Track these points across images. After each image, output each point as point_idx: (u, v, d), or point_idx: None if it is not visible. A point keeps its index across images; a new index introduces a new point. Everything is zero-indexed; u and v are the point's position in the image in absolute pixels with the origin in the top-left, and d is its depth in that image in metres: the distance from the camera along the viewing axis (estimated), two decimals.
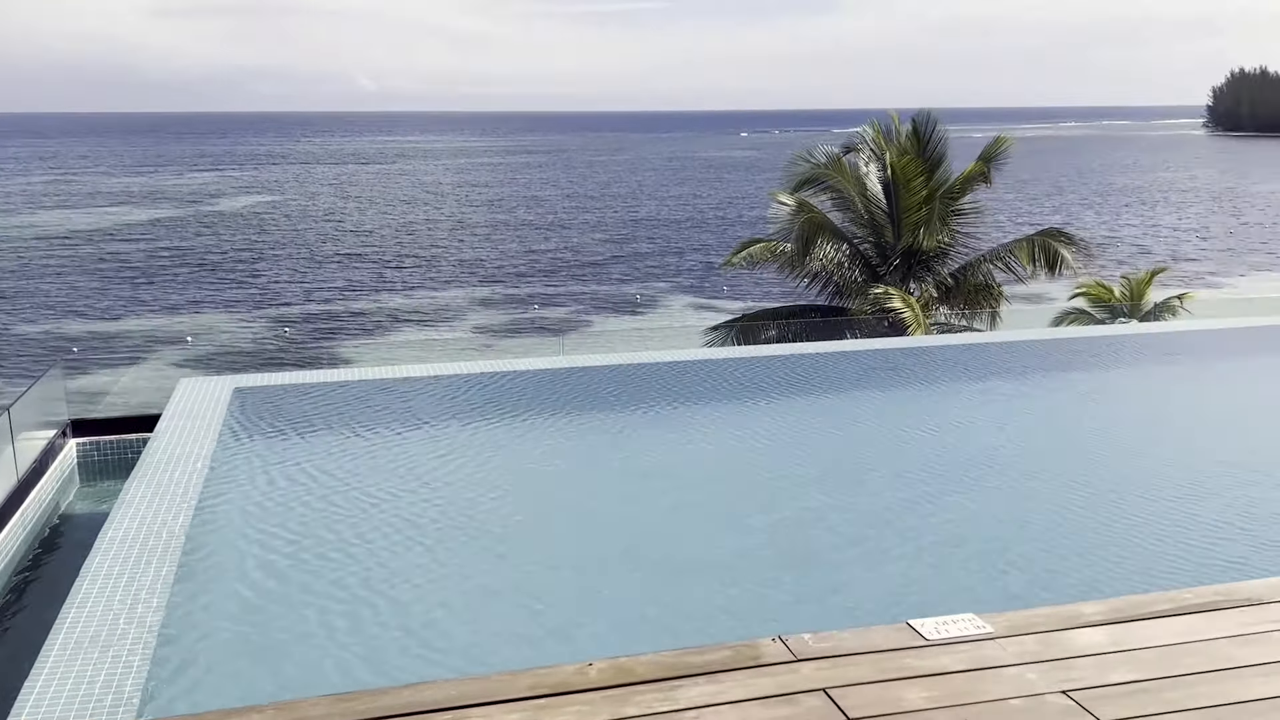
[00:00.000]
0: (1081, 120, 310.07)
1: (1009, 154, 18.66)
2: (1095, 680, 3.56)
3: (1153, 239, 58.46)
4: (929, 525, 6.54)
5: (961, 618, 3.98)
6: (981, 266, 18.36)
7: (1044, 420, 9.18)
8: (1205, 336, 12.26)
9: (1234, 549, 6.01)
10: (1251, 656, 3.71)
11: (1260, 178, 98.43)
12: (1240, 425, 8.68)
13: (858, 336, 16.10)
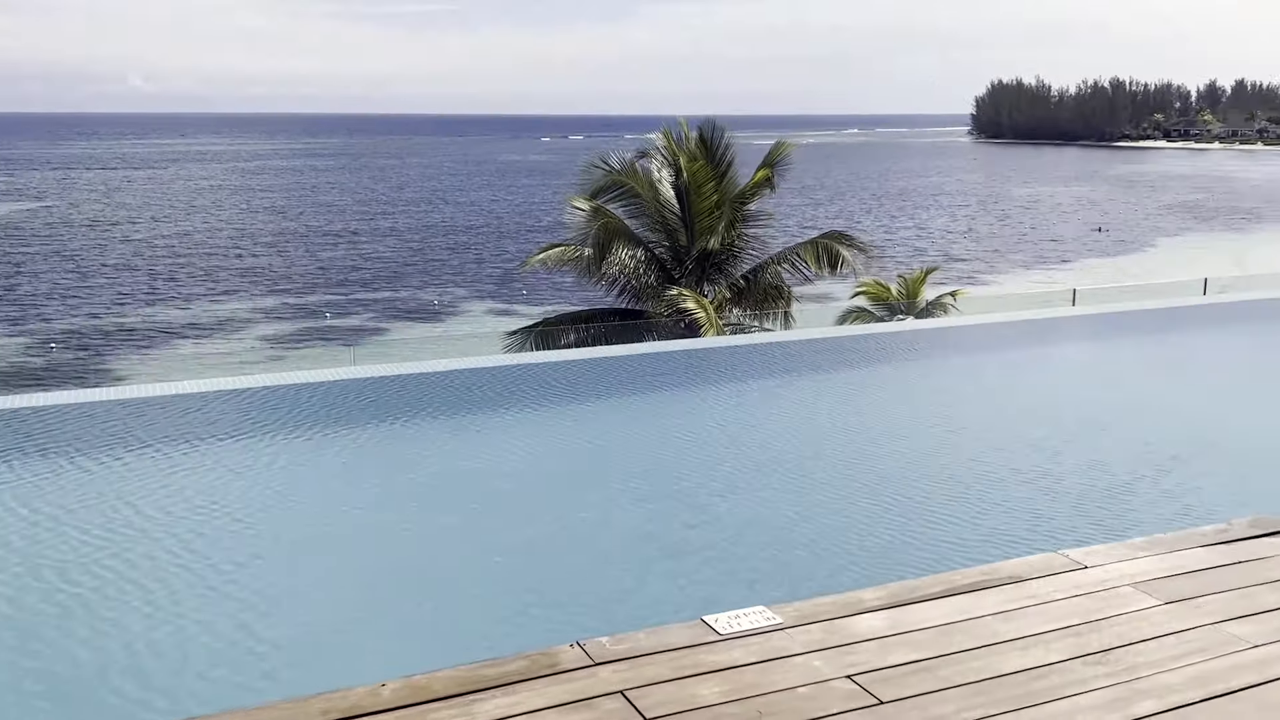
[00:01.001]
0: (861, 128, 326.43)
1: (792, 159, 19.46)
2: (877, 663, 3.73)
3: (926, 240, 62.18)
4: (725, 521, 6.71)
5: (753, 610, 4.09)
6: (770, 268, 19.05)
7: (831, 414, 9.59)
8: (975, 330, 13.11)
9: (998, 530, 6.45)
10: (1012, 631, 3.98)
11: (1019, 181, 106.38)
12: (1006, 413, 9.31)
13: (656, 339, 16.40)
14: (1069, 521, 6.54)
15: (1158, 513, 6.74)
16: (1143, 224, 70.92)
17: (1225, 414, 9.19)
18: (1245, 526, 5.03)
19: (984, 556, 4.69)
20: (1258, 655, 3.80)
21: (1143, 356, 11.74)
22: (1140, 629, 4.00)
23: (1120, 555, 4.67)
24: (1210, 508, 6.67)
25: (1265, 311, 13.89)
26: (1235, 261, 47.13)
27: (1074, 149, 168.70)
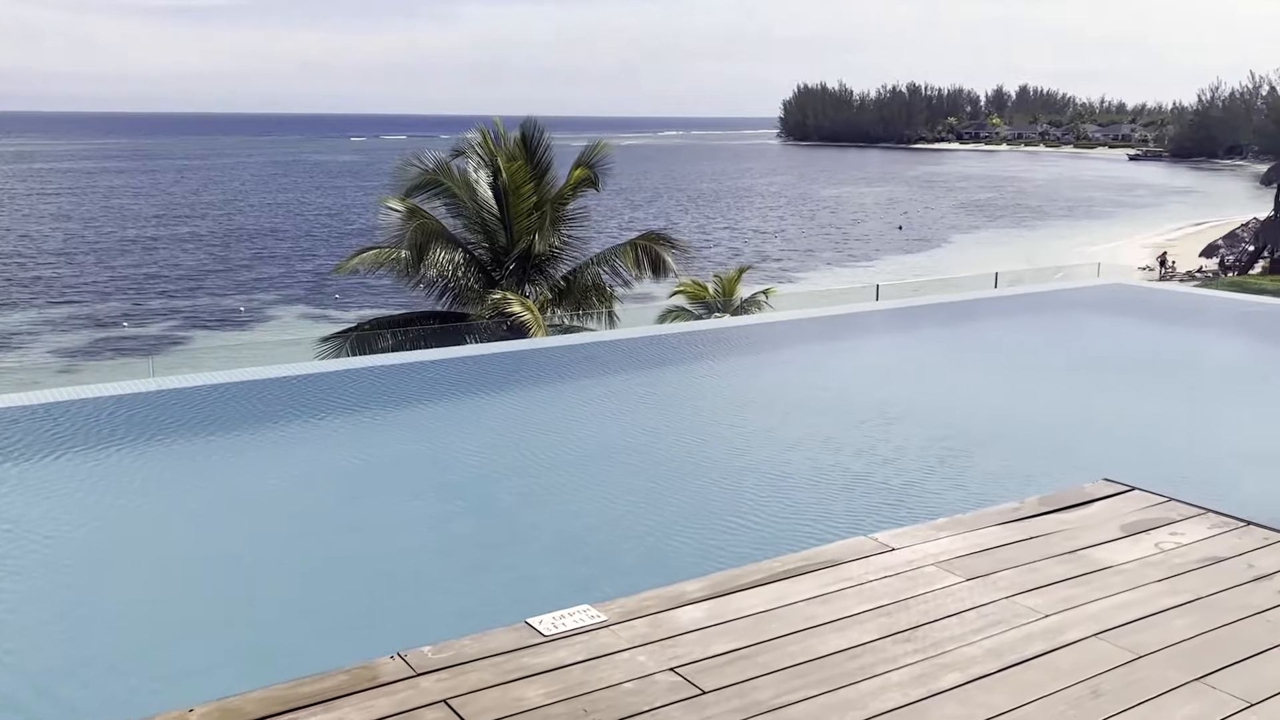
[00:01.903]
0: (678, 130, 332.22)
1: (611, 161, 19.58)
2: (699, 654, 3.80)
3: (740, 240, 63.83)
4: (549, 522, 6.70)
5: (577, 609, 4.10)
6: (591, 269, 19.15)
7: (654, 411, 9.70)
8: (786, 326, 13.53)
9: (815, 516, 6.68)
10: (828, 614, 4.13)
11: (826, 183, 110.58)
12: (818, 404, 9.65)
13: (479, 341, 16.21)
14: (879, 506, 6.83)
15: (959, 493, 7.11)
16: (940, 222, 74.82)
17: (1017, 399, 9.79)
18: (1034, 504, 5.38)
19: (803, 543, 4.84)
20: (1047, 625, 4.07)
21: (942, 347, 12.38)
22: (943, 606, 4.22)
23: (924, 536, 4.92)
24: (1005, 487, 7.09)
25: (1051, 302, 14.89)
26: (1024, 256, 50.29)
27: (876, 151, 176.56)
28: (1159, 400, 9.82)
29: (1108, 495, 5.52)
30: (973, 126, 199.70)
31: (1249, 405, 9.56)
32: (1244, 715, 3.46)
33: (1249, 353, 12.39)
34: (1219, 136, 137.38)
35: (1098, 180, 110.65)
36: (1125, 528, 5.09)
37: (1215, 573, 4.58)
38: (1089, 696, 3.55)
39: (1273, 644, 3.93)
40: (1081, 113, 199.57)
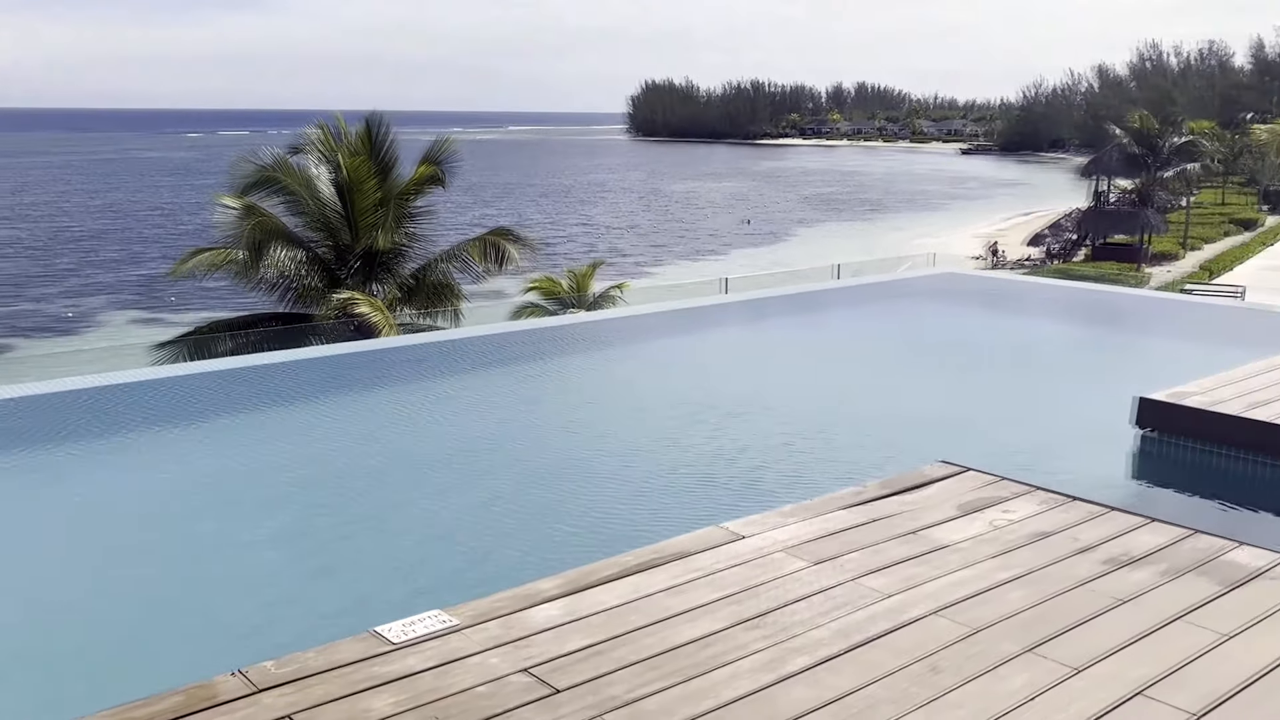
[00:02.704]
0: (527, 125, 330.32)
1: (458, 156, 19.32)
2: (553, 652, 3.77)
3: (593, 235, 64.02)
4: (400, 526, 6.56)
5: (427, 615, 4.01)
6: (439, 266, 18.86)
7: (506, 409, 9.62)
8: (638, 320, 13.61)
9: (666, 509, 6.74)
10: (681, 605, 4.16)
11: (676, 178, 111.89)
12: (669, 397, 9.74)
13: (326, 342, 15.76)
14: (730, 495, 6.93)
15: (806, 480, 7.28)
16: (786, 216, 76.66)
17: (859, 385, 10.09)
18: (877, 488, 5.54)
19: (657, 535, 4.86)
20: (889, 605, 4.20)
21: (787, 338, 12.68)
22: (792, 590, 4.30)
23: (773, 524, 5.01)
24: (849, 472, 7.29)
25: (889, 292, 15.41)
26: (865, 248, 51.99)
27: (722, 146, 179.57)
28: (991, 382, 10.29)
29: (944, 476, 5.74)
30: (814, 122, 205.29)
31: (1072, 385, 10.10)
32: (1072, 681, 3.64)
33: (1072, 335, 13.12)
34: (1043, 131, 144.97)
35: (932, 174, 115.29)
36: (961, 507, 5.30)
37: (1044, 547, 4.81)
38: (929, 672, 3.68)
39: (1096, 612, 4.16)
40: (916, 109, 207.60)
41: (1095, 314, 14.56)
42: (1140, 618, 4.12)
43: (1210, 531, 4.98)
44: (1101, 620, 4.09)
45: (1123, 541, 4.87)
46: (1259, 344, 10.27)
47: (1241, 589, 4.38)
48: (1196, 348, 11.91)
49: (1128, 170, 48.68)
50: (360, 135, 18.38)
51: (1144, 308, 15.74)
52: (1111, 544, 4.84)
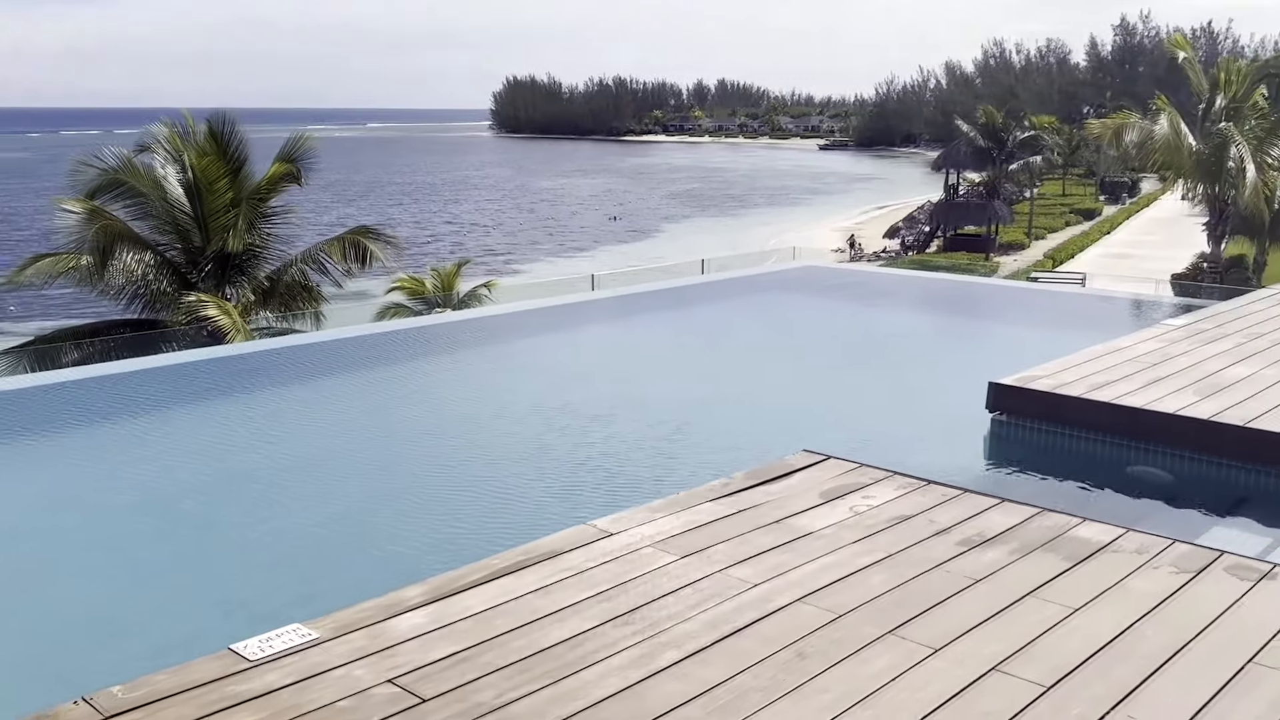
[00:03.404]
0: (387, 122, 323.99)
1: (315, 153, 18.78)
2: (419, 661, 3.69)
3: (460, 234, 63.23)
4: (255, 539, 6.33)
5: (287, 629, 3.88)
6: (297, 267, 18.32)
7: (367, 412, 9.40)
8: (506, 319, 13.50)
9: (535, 508, 6.70)
10: (550, 606, 4.13)
11: (542, 175, 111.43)
12: (539, 395, 9.68)
13: (177, 349, 15.13)
14: (599, 491, 6.93)
15: (675, 473, 7.32)
16: (653, 212, 77.17)
17: (723, 378, 10.22)
18: (742, 479, 5.62)
19: (526, 536, 4.81)
20: (756, 594, 4.25)
21: (654, 333, 12.76)
22: (661, 585, 4.32)
23: (641, 519, 5.02)
24: (717, 464, 7.36)
25: (753, 285, 15.67)
26: (731, 243, 52.72)
27: (588, 143, 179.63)
28: (852, 372, 10.55)
29: (808, 465, 5.86)
30: (678, 119, 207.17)
31: (929, 372, 10.44)
32: (930, 660, 3.75)
33: (928, 324, 13.57)
34: (896, 126, 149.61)
35: (793, 169, 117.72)
36: (824, 494, 5.41)
37: (903, 530, 4.95)
38: (796, 659, 3.74)
39: (952, 592, 4.30)
40: (775, 105, 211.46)
41: (949, 303, 15.10)
42: (993, 595, 4.27)
43: (1057, 509, 5.21)
44: (957, 600, 4.23)
45: (976, 522, 5.05)
46: (1100, 328, 10.82)
47: (1086, 563, 4.59)
48: (1044, 333, 12.45)
49: (976, 164, 50.65)
50: (207, 134, 17.69)
51: (994, 296, 16.41)
52: (966, 525, 5.01)
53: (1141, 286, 21.40)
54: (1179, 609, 4.16)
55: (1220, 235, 25.37)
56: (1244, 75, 24.39)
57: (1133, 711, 3.43)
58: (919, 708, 3.45)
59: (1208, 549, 4.74)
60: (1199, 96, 24.59)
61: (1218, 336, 8.83)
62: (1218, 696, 3.53)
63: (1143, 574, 4.47)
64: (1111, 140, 25.22)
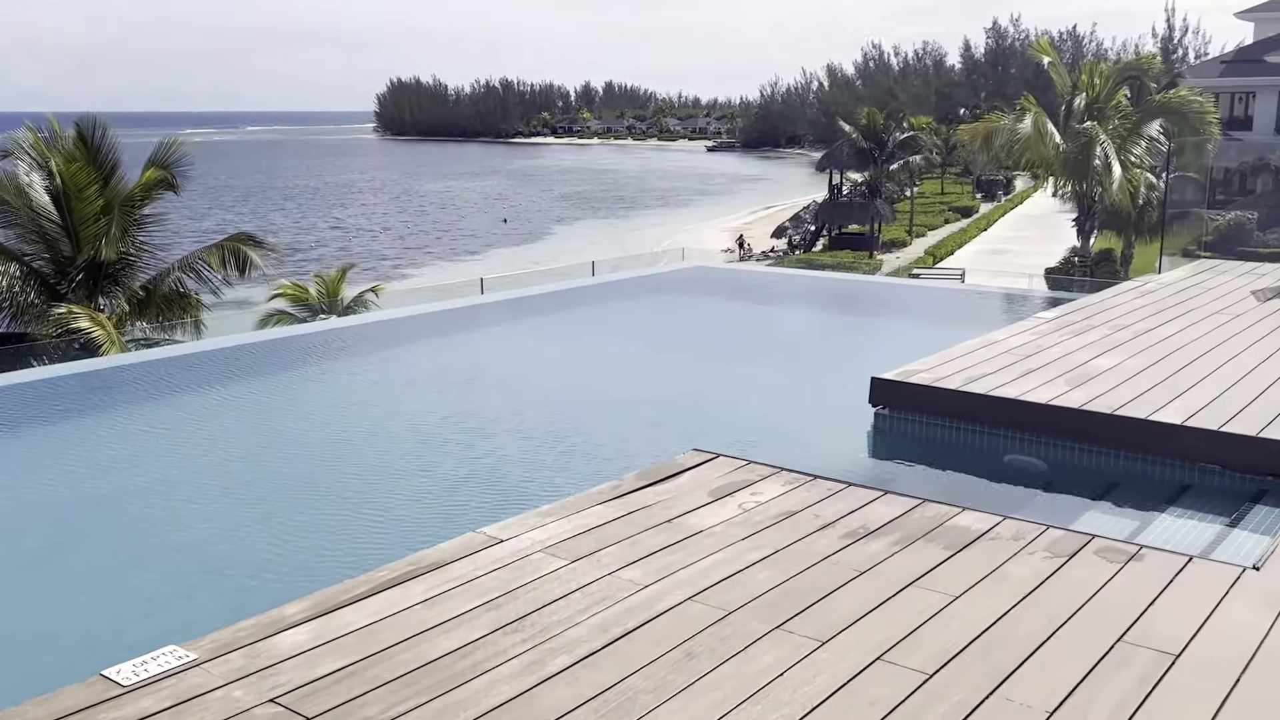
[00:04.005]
0: (265, 125, 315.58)
1: (190, 158, 18.18)
2: (302, 679, 3.60)
3: (346, 238, 61.97)
4: (127, 560, 6.09)
5: (162, 652, 3.74)
6: (174, 275, 17.72)
7: (247, 425, 9.13)
8: (392, 324, 13.28)
9: (423, 516, 6.59)
10: (437, 616, 4.07)
11: (429, 177, 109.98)
12: (427, 402, 9.54)
13: (48, 363, 14.47)
14: (489, 499, 6.85)
15: (567, 477, 7.29)
16: (543, 214, 76.87)
17: (615, 380, 10.23)
18: (633, 480, 5.63)
19: (413, 546, 4.72)
20: (646, 595, 4.26)
21: (544, 336, 12.70)
22: (551, 590, 4.29)
23: (531, 524, 4.98)
24: (608, 466, 7.36)
25: (643, 287, 15.70)
26: (621, 244, 52.82)
27: (475, 145, 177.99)
28: (741, 370, 10.67)
29: (697, 464, 5.90)
30: (566, 121, 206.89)
31: (815, 368, 10.63)
32: (817, 653, 3.81)
33: (815, 321, 13.81)
34: (781, 128, 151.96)
35: (681, 171, 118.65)
36: (713, 493, 5.46)
37: (789, 525, 5.02)
38: (685, 658, 3.76)
39: (837, 585, 4.37)
40: (663, 107, 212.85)
41: (835, 301, 15.41)
42: (877, 587, 4.36)
43: (937, 500, 5.35)
44: (842, 592, 4.31)
45: (860, 515, 5.15)
46: (977, 321, 11.16)
47: (966, 551, 4.73)
48: (925, 328, 12.79)
49: (858, 164, 51.77)
50: (76, 139, 16.97)
51: (878, 293, 16.80)
52: (850, 518, 5.11)
53: (1017, 281, 22.16)
54: (1052, 592, 4.31)
55: (1089, 231, 26.44)
56: (1106, 77, 25.47)
57: (1010, 693, 3.54)
58: (807, 700, 3.50)
59: (1079, 533, 4.93)
60: (1063, 98, 25.59)
61: (1086, 329, 9.20)
62: (1090, 674, 3.66)
63: (1019, 560, 4.62)
64: (981, 144, 26.05)
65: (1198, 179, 26.89)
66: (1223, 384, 7.35)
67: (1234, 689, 3.56)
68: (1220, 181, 40.48)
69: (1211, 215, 29.85)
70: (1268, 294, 10.78)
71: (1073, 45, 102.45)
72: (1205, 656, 3.79)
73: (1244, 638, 3.91)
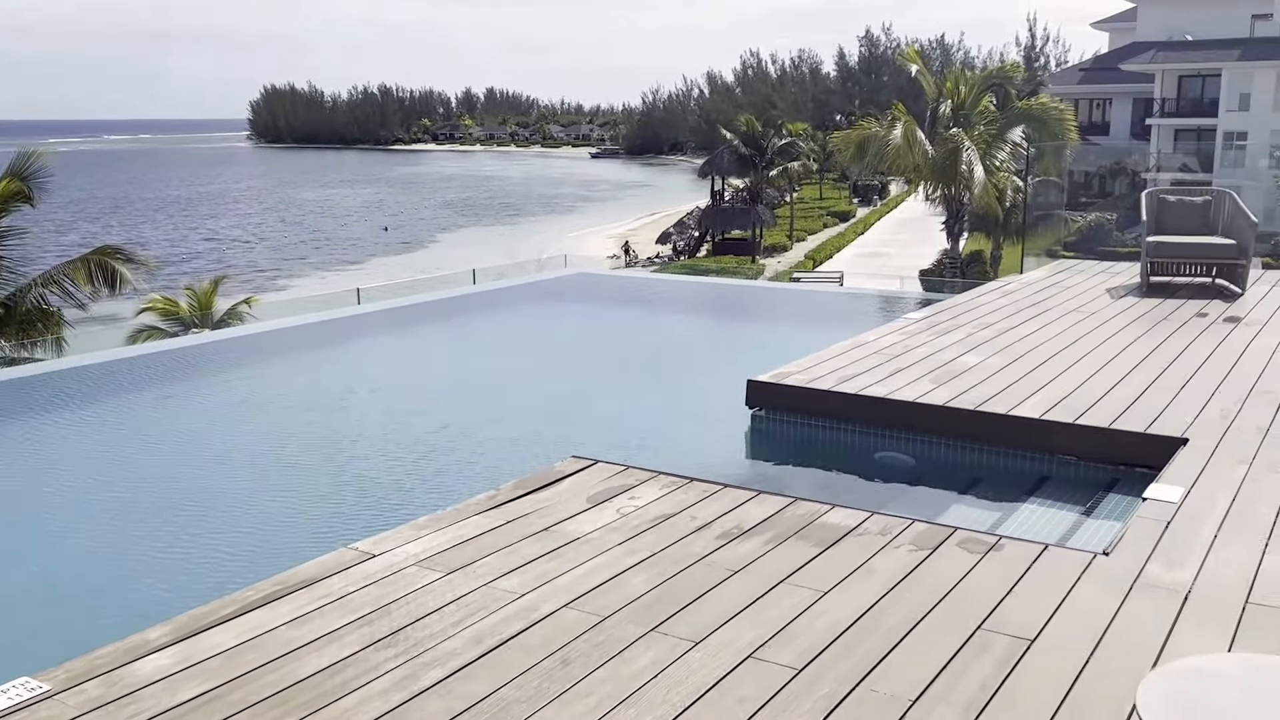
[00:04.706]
0: (128, 134, 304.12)
1: (50, 171, 17.45)
2: (164, 705, 3.49)
3: (224, 250, 60.23)
4: None
5: (13, 685, 3.58)
6: (35, 291, 16.97)
7: (112, 444, 8.80)
8: (265, 337, 12.94)
9: (295, 535, 6.45)
10: (307, 635, 3.99)
11: (307, 185, 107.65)
12: (299, 416, 9.33)
13: None
14: (364, 513, 6.74)
15: (445, 489, 7.23)
16: (427, 222, 75.97)
17: (494, 389, 10.16)
18: (511, 489, 5.61)
19: (284, 565, 4.62)
20: (522, 604, 4.25)
21: (422, 346, 12.55)
22: (425, 604, 4.25)
23: (406, 538, 4.93)
24: (487, 476, 7.32)
25: (524, 294, 15.65)
26: (506, 251, 52.55)
27: (353, 152, 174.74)
28: (622, 376, 10.73)
29: (576, 471, 5.91)
30: (447, 127, 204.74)
31: (697, 373, 10.74)
32: (690, 654, 3.86)
33: (698, 326, 13.96)
34: (663, 135, 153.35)
35: (565, 177, 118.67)
36: (591, 498, 5.48)
37: (666, 528, 5.07)
38: (560, 666, 3.77)
39: (711, 585, 4.44)
40: (545, 114, 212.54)
41: (717, 305, 15.61)
42: (750, 585, 4.44)
43: (809, 498, 5.47)
44: (716, 592, 4.38)
45: (735, 515, 5.24)
46: (855, 323, 11.44)
47: (835, 547, 4.85)
48: (805, 330, 13.04)
49: (739, 170, 52.59)
50: None
51: (759, 297, 17.09)
52: (725, 519, 5.19)
53: (891, 283, 22.83)
54: (917, 584, 4.45)
55: (958, 233, 27.38)
56: (971, 85, 26.45)
57: (875, 684, 3.65)
58: (679, 700, 3.54)
59: (943, 526, 5.10)
60: (932, 105, 26.48)
61: (952, 328, 9.52)
62: (951, 662, 3.80)
63: (885, 554, 4.76)
64: (853, 153, 26.78)
65: (1059, 182, 28.12)
66: (1078, 379, 7.70)
67: (1083, 669, 3.74)
68: (1081, 184, 42.46)
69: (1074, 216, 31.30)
70: (1120, 291, 11.32)
71: (942, 53, 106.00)
72: (1058, 639, 3.96)
73: (1093, 621, 4.11)
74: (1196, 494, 5.48)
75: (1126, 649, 3.88)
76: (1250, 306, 10.49)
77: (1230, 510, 5.26)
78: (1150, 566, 4.60)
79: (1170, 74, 50.31)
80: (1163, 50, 50.43)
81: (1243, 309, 10.36)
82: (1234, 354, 8.45)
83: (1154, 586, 4.41)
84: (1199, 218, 11.76)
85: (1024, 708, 3.50)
